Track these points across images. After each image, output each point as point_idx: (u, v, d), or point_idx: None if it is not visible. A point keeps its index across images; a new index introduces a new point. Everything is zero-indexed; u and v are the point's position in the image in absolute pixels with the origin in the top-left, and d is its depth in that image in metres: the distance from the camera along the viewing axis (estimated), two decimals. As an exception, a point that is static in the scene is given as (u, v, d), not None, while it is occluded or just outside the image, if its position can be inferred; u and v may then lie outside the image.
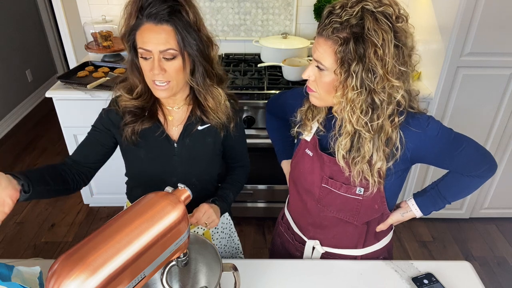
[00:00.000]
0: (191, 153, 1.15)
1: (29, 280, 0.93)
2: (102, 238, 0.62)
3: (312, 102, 1.01)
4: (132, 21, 0.99)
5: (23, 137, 3.45)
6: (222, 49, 2.57)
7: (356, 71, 0.85)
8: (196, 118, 1.13)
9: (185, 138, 1.14)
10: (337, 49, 0.86)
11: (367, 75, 0.85)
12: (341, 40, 0.85)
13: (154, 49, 0.97)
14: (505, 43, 1.87)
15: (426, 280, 1.06)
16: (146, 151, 1.13)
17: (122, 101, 1.10)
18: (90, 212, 2.59)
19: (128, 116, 1.10)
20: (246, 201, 2.42)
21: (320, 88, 0.95)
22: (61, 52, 4.41)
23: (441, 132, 0.97)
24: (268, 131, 1.43)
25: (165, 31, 0.97)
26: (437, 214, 2.45)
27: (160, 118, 1.13)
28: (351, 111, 0.90)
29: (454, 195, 1.09)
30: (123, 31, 1.02)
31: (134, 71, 1.07)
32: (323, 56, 0.89)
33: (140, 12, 0.97)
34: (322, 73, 0.92)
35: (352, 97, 0.88)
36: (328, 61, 0.89)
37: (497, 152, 2.20)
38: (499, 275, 2.17)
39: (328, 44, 0.88)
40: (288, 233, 1.27)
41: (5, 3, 3.55)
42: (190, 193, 0.76)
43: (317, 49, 0.91)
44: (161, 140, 1.13)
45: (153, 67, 0.98)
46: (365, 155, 0.94)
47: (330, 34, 0.86)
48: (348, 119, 0.92)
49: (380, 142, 0.93)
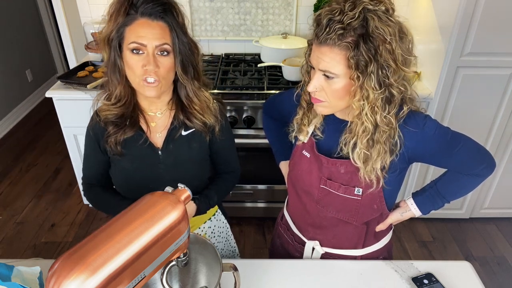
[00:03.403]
0: (176, 160, 1.13)
1: (29, 280, 0.93)
2: (102, 238, 0.62)
3: (320, 112, 1.00)
4: (120, 19, 0.97)
5: (23, 137, 3.45)
6: (222, 49, 2.56)
7: (373, 71, 0.86)
8: (179, 122, 1.11)
9: (169, 144, 1.11)
10: (349, 54, 0.85)
11: (382, 71, 0.86)
12: (352, 45, 0.84)
13: (149, 43, 0.96)
14: (505, 43, 1.87)
15: (426, 280, 1.06)
16: (130, 160, 1.11)
17: (102, 111, 1.08)
18: (90, 212, 2.59)
19: (110, 128, 1.07)
20: (246, 201, 2.42)
21: (330, 97, 0.93)
22: (61, 52, 4.40)
23: (438, 131, 0.97)
24: (266, 132, 1.42)
25: (160, 27, 0.98)
26: (437, 214, 2.45)
27: (143, 125, 1.10)
28: (371, 111, 0.90)
29: (453, 194, 1.09)
30: (108, 29, 0.99)
31: (115, 73, 1.03)
32: (331, 64, 0.88)
33: (131, 9, 0.97)
34: (332, 81, 0.91)
35: (373, 97, 0.88)
36: (338, 68, 0.88)
37: (497, 152, 2.20)
38: (499, 275, 2.17)
39: (335, 51, 0.87)
40: (287, 234, 1.27)
41: (5, 3, 3.54)
42: (190, 193, 0.76)
43: (322, 59, 0.89)
44: (145, 148, 1.10)
45: (148, 61, 0.97)
46: (380, 150, 0.94)
47: (336, 41, 0.85)
48: (369, 119, 0.91)
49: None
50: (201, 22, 2.46)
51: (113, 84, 1.05)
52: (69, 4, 2.45)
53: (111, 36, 0.99)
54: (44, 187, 2.83)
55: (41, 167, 3.07)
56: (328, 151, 1.04)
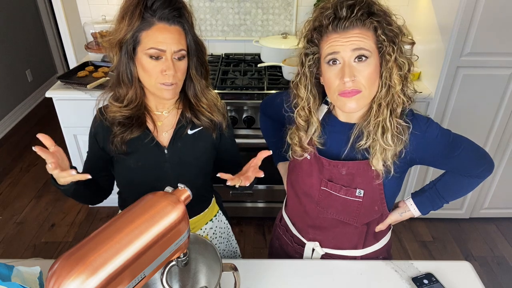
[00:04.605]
0: (182, 159, 1.12)
1: (29, 280, 0.93)
2: (102, 238, 0.62)
3: (353, 109, 0.93)
4: (136, 22, 0.95)
5: (23, 137, 3.46)
6: (222, 49, 2.57)
7: (398, 42, 0.90)
8: (186, 120, 1.11)
9: (176, 142, 1.11)
10: (379, 30, 0.88)
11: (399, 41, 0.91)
12: (376, 21, 0.87)
13: (168, 49, 0.96)
14: (505, 43, 1.87)
15: (426, 280, 1.06)
16: (135, 159, 1.10)
17: (111, 112, 1.05)
18: (90, 212, 2.59)
19: (117, 128, 1.06)
20: (246, 201, 2.42)
21: (366, 83, 0.90)
22: (61, 52, 4.40)
23: (440, 134, 0.97)
24: (263, 133, 1.41)
25: (177, 31, 0.97)
26: (437, 214, 2.45)
27: (149, 125, 1.09)
28: (401, 90, 0.92)
29: (452, 195, 1.09)
30: (121, 32, 0.96)
31: (127, 76, 1.01)
32: (363, 42, 0.88)
33: (147, 13, 0.95)
34: (365, 63, 0.89)
35: (404, 70, 0.92)
36: (369, 45, 0.89)
37: (497, 152, 2.20)
38: (499, 275, 2.17)
39: (363, 32, 0.88)
40: (286, 236, 1.27)
41: (5, 3, 3.54)
42: (190, 193, 0.76)
43: (351, 42, 0.87)
44: (151, 147, 1.09)
45: (168, 67, 0.96)
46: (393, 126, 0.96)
47: (362, 20, 0.87)
48: (397, 99, 0.93)
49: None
50: (201, 22, 2.46)
51: (123, 87, 1.03)
52: (69, 4, 2.45)
53: (124, 39, 0.97)
54: (44, 187, 2.83)
55: (41, 167, 3.07)
56: (331, 154, 1.04)
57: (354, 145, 1.00)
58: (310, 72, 0.97)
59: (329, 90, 0.95)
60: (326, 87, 0.97)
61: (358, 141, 0.99)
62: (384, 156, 0.96)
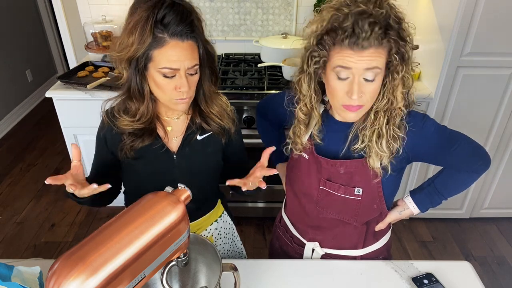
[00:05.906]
0: (191, 165, 1.12)
1: (29, 280, 0.93)
2: (102, 238, 0.62)
3: (353, 119, 0.96)
4: (147, 40, 0.91)
5: (23, 137, 3.45)
6: (222, 49, 2.56)
7: (408, 58, 0.89)
8: (196, 126, 1.10)
9: (185, 148, 1.10)
10: (393, 49, 0.86)
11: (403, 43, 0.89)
12: (393, 39, 0.85)
13: (181, 66, 0.93)
14: (505, 43, 1.87)
15: (426, 280, 1.06)
16: (144, 165, 1.09)
17: (122, 124, 1.04)
18: (90, 212, 2.59)
19: (127, 138, 1.04)
20: (246, 201, 2.42)
21: (370, 98, 0.91)
22: (61, 52, 4.40)
23: (437, 130, 0.98)
24: (260, 134, 1.40)
25: (190, 47, 0.94)
26: (437, 214, 2.45)
27: (159, 131, 1.08)
28: (401, 95, 0.92)
29: (451, 191, 1.10)
30: (131, 49, 0.92)
31: (139, 93, 0.99)
32: (375, 62, 0.86)
33: (158, 28, 0.90)
34: (374, 81, 0.89)
35: (408, 87, 0.92)
36: (381, 63, 0.87)
37: (497, 152, 2.20)
38: (499, 275, 2.17)
39: (378, 50, 0.85)
40: (286, 236, 1.27)
41: (5, 3, 3.54)
42: (190, 193, 0.76)
43: (366, 62, 0.85)
44: (160, 153, 1.08)
45: (182, 84, 0.94)
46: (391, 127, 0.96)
47: (381, 39, 0.84)
48: (396, 110, 0.94)
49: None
50: (201, 22, 2.46)
51: (135, 102, 1.02)
52: (69, 4, 2.45)
53: (135, 57, 0.93)
54: (44, 187, 2.83)
55: (41, 167, 3.07)
56: (329, 153, 1.04)
57: (351, 145, 1.00)
58: (315, 73, 0.96)
59: (332, 97, 0.94)
60: (328, 93, 0.95)
61: (355, 142, 0.99)
62: (380, 157, 0.97)
